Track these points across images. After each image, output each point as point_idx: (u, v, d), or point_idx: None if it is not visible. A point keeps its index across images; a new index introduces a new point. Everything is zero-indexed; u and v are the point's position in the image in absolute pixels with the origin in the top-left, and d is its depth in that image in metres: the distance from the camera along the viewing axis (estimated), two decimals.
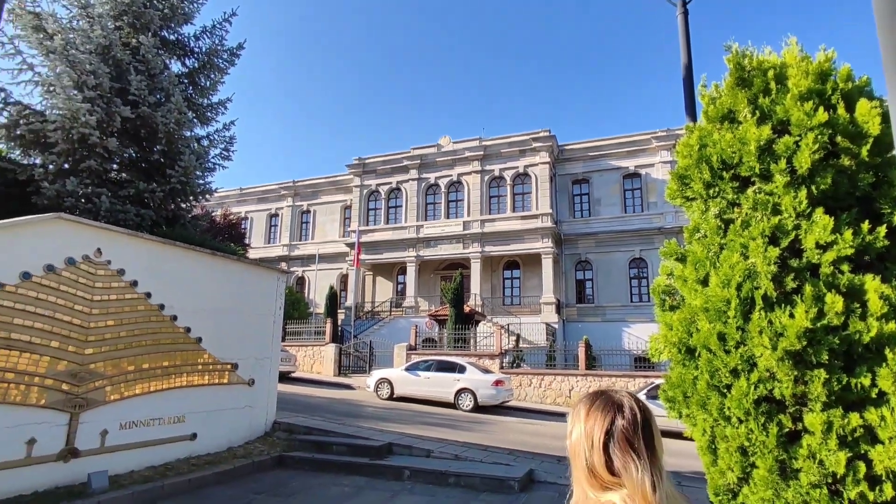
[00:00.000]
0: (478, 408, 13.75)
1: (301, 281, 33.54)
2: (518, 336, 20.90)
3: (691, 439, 2.64)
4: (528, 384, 17.37)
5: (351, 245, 28.85)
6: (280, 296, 9.44)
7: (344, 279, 32.28)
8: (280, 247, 34.01)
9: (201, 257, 7.79)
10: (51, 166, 8.19)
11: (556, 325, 24.13)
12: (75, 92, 7.97)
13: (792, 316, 2.18)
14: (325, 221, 33.90)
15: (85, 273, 6.12)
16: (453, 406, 13.96)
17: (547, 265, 25.53)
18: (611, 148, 27.77)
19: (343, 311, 28.69)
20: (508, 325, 22.20)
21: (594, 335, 20.27)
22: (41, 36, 8.32)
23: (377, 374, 15.67)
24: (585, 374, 16.92)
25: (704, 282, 2.55)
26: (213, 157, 9.97)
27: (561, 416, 14.60)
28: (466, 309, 21.00)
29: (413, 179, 30.04)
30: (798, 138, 2.35)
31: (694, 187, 2.72)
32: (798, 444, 2.17)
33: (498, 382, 14.00)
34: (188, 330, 7.37)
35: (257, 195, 36.11)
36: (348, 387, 17.81)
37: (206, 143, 10.20)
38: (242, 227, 32.52)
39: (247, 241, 30.22)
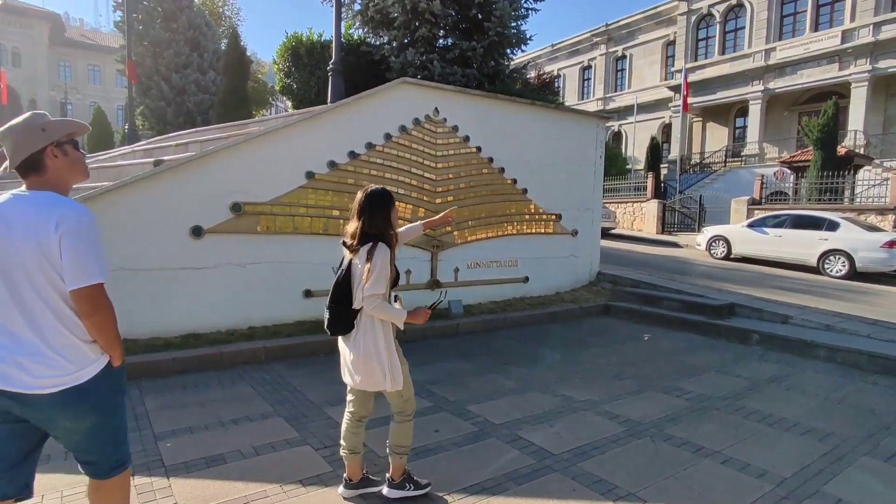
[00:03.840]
0: (855, 274, 10.76)
1: (617, 136, 31.88)
2: None
3: None
4: None
5: (675, 88, 25.17)
6: (600, 145, 8.87)
7: (666, 129, 29.02)
8: (594, 101, 32.53)
9: (521, 108, 7.76)
10: (394, 43, 9.27)
11: None
12: None
13: None
14: (643, 65, 30.24)
15: (428, 132, 6.84)
16: (815, 271, 11.31)
17: None
18: None
19: (666, 165, 26.15)
20: None
21: None
22: None
23: (710, 230, 13.89)
24: None
25: None
26: (525, 1, 9.49)
27: None
28: (841, 151, 15.97)
29: None
30: None
31: None
32: None
33: (893, 244, 10.46)
34: (514, 181, 7.69)
35: (568, 49, 34.63)
36: (673, 244, 16.60)
37: None
38: (556, 85, 32.16)
39: (560, 100, 29.95)
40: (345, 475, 2.63)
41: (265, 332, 5.48)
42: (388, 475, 2.62)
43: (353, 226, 2.46)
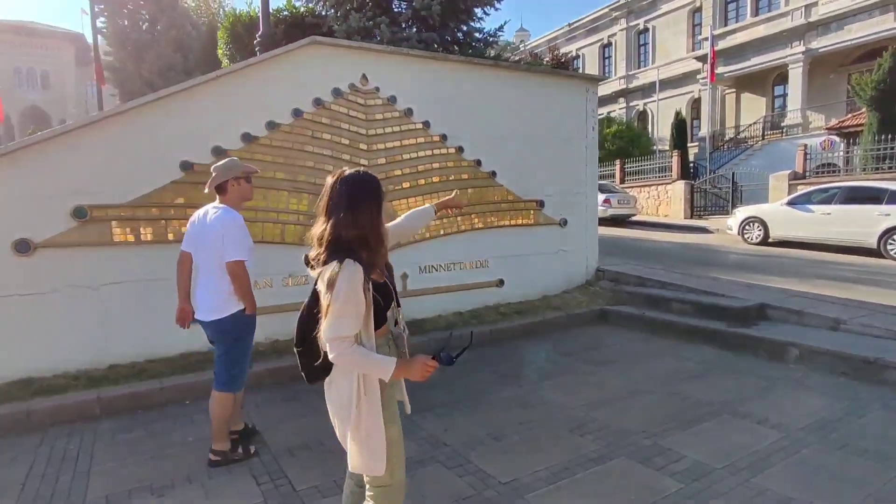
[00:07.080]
0: None
1: (642, 116, 29.60)
2: None
3: None
4: None
5: (703, 58, 22.86)
6: (591, 114, 7.26)
7: (695, 104, 26.63)
8: (616, 81, 30.28)
9: (482, 72, 6.26)
10: (347, 6, 7.91)
11: None
12: None
13: None
14: (667, 38, 27.85)
15: (355, 105, 5.45)
16: (876, 254, 9.32)
17: None
18: None
19: (695, 143, 23.92)
20: None
21: None
22: None
23: (743, 211, 11.95)
24: None
25: None
26: None
27: None
28: None
29: None
30: None
31: None
32: None
33: None
34: (479, 163, 6.21)
35: (586, 27, 32.47)
36: (703, 230, 14.65)
37: None
38: (574, 66, 30.16)
39: None
40: None
41: (129, 371, 4.24)
42: None
43: (318, 228, 1.62)
